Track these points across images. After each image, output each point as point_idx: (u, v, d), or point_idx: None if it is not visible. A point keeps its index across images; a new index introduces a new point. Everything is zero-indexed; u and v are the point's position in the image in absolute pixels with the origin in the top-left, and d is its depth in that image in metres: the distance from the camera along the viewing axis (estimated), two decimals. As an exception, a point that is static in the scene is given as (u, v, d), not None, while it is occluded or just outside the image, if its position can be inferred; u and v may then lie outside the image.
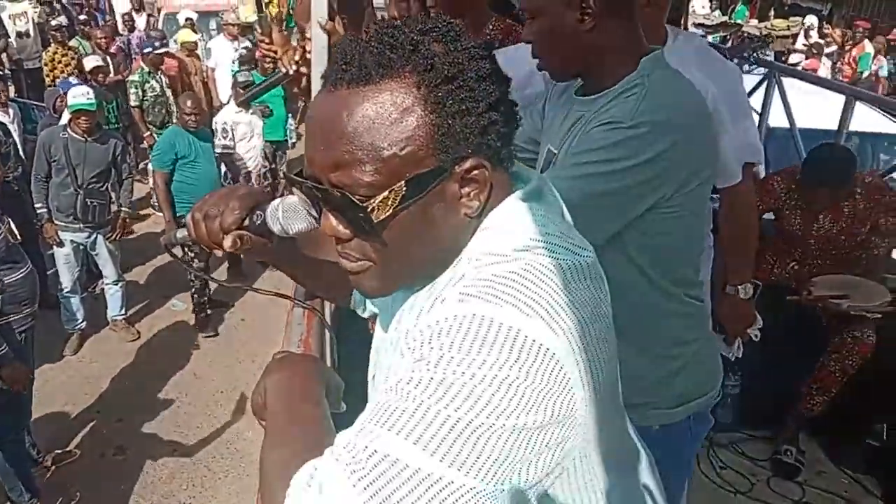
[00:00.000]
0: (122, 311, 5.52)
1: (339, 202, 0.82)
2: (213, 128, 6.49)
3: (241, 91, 6.11)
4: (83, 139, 5.03)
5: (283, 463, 0.79)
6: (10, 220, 3.81)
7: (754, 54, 3.97)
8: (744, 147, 2.04)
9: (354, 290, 1.23)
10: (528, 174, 0.94)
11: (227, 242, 1.07)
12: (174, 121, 7.39)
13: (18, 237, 3.79)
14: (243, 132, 6.36)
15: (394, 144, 0.78)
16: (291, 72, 2.03)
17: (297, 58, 2.01)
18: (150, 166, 6.33)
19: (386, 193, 0.78)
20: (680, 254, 1.45)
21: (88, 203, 5.07)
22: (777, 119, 4.65)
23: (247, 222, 1.07)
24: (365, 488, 0.68)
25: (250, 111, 6.36)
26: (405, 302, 0.93)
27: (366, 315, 1.29)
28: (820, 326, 3.19)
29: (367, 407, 0.76)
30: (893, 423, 3.19)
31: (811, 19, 12.63)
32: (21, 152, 5.63)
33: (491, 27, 2.42)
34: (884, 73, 9.96)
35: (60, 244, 5.09)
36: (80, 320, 5.28)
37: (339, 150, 0.79)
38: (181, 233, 1.15)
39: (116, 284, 5.42)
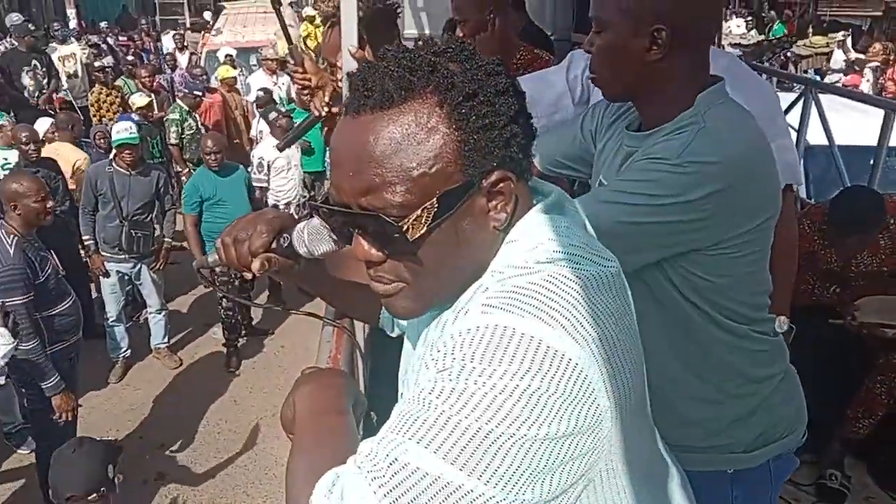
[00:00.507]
0: (166, 340, 5.64)
1: (372, 225, 0.83)
2: (252, 159, 6.65)
3: (278, 127, 6.28)
4: (128, 172, 5.19)
5: (307, 470, 0.81)
6: (55, 253, 3.94)
7: (777, 55, 3.86)
8: (782, 168, 1.94)
9: (383, 309, 1.24)
10: (546, 188, 0.95)
11: (256, 265, 1.11)
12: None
13: (62, 270, 3.91)
14: (281, 165, 6.50)
15: (423, 164, 0.80)
16: (324, 113, 2.07)
17: (327, 99, 2.05)
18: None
19: (419, 212, 0.80)
20: (742, 292, 1.37)
21: (133, 234, 5.21)
22: (815, 136, 4.54)
23: (274, 245, 1.11)
24: (385, 495, 0.70)
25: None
26: (431, 318, 0.94)
27: (394, 334, 1.30)
28: (863, 348, 3.11)
29: (390, 416, 0.77)
30: None
31: (843, 34, 12.48)
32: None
33: (518, 56, 2.47)
34: None
35: (106, 275, 5.24)
36: (124, 349, 5.42)
37: (370, 173, 0.80)
38: (212, 257, 1.20)
39: (160, 313, 5.55)
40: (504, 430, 0.71)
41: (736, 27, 15.78)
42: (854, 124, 4.46)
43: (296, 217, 1.16)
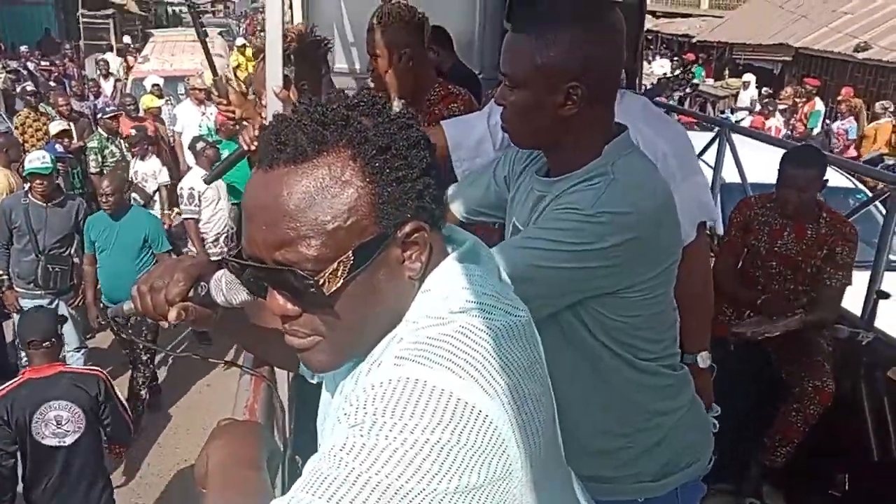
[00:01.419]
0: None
1: (287, 280, 0.82)
2: (179, 193, 6.50)
3: (204, 157, 6.20)
4: (43, 204, 4.99)
5: None
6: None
7: (676, 91, 4.08)
8: (696, 205, 1.98)
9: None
10: (461, 235, 0.96)
11: (172, 315, 1.08)
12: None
13: None
14: (211, 197, 6.38)
15: (337, 217, 0.80)
16: (253, 147, 2.06)
17: (255, 133, 2.03)
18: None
19: (334, 266, 0.80)
20: (649, 330, 1.43)
21: (50, 269, 4.99)
22: (730, 174, 4.78)
23: (191, 294, 1.09)
24: None
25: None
26: (347, 368, 0.93)
27: (314, 381, 1.29)
28: (779, 377, 3.23)
29: (303, 473, 0.76)
30: (854, 472, 3.19)
31: (748, 76, 13.27)
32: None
33: (433, 92, 2.49)
34: (853, 135, 10.17)
35: (20, 311, 5.00)
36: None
37: (284, 227, 0.79)
38: (127, 305, 1.16)
39: (78, 352, 5.30)
40: (414, 486, 0.70)
41: (659, 67, 16.48)
42: (764, 162, 4.69)
43: (214, 264, 1.13)
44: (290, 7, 4.67)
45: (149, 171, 7.14)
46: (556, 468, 0.94)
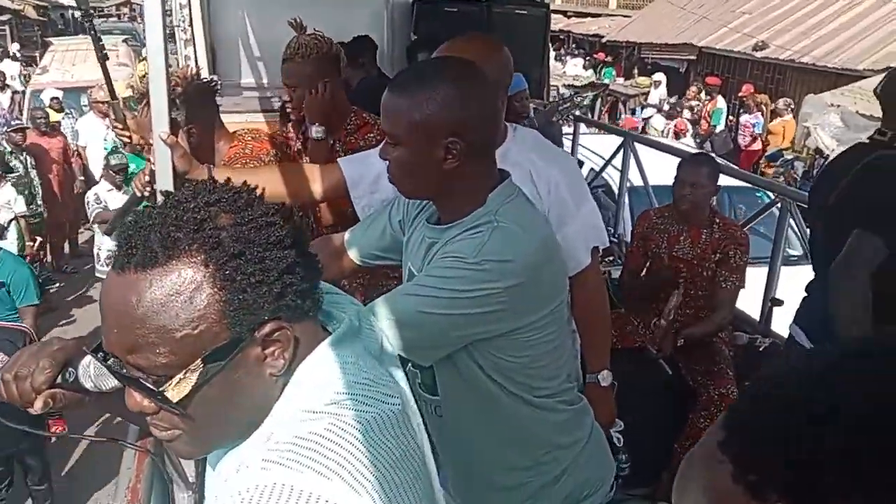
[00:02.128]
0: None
1: (138, 383, 0.80)
2: (87, 199, 6.25)
3: (112, 173, 5.99)
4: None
5: None
6: None
7: (566, 113, 4.18)
8: (590, 230, 2.05)
9: None
10: (340, 312, 0.94)
11: (38, 404, 1.04)
12: (39, 203, 7.08)
13: None
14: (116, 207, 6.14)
15: (186, 325, 0.77)
16: (146, 194, 2.05)
17: (146, 179, 2.04)
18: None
19: (181, 375, 0.78)
20: (543, 369, 1.47)
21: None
22: (636, 177, 5.02)
23: (59, 380, 1.04)
24: None
25: (122, 192, 6.17)
26: (223, 453, 0.91)
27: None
28: (688, 386, 3.34)
29: None
30: None
31: (659, 76, 13.79)
32: None
33: (349, 122, 2.50)
34: (759, 129, 10.62)
35: None
36: None
37: (132, 334, 0.77)
38: None
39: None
40: None
41: (572, 67, 16.84)
42: (667, 166, 4.90)
43: (80, 346, 1.07)
44: (191, 24, 4.58)
45: (1, 201, 6.49)
46: None
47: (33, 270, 4.61)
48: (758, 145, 10.42)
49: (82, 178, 8.10)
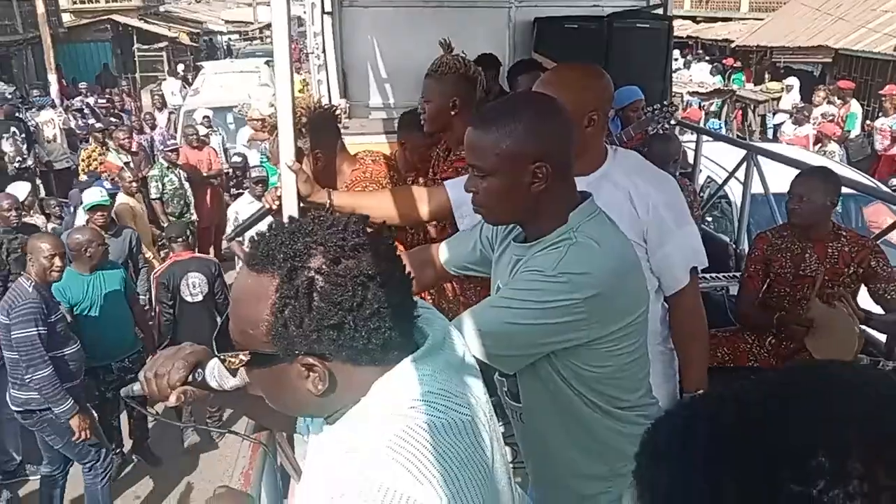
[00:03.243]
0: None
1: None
2: (228, 214, 6.90)
3: (252, 185, 6.56)
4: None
5: None
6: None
7: (660, 126, 4.07)
8: (689, 251, 2.09)
9: (298, 420, 1.39)
10: (427, 330, 1.07)
11: (172, 398, 1.26)
12: (192, 211, 7.86)
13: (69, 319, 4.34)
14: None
15: (247, 323, 0.98)
16: (274, 207, 2.29)
17: (277, 194, 2.25)
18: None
19: (239, 354, 1.00)
20: (623, 381, 1.53)
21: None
22: (758, 187, 4.85)
23: (190, 379, 1.25)
24: None
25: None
26: (321, 429, 1.11)
27: (305, 440, 1.38)
28: None
29: None
30: None
31: (792, 80, 13.16)
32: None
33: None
34: None
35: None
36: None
37: (234, 311, 1.01)
38: (136, 387, 1.33)
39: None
40: None
41: (699, 72, 16.40)
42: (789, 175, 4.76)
43: (210, 351, 1.29)
44: (324, 51, 4.91)
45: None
46: None
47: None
48: (896, 151, 9.81)
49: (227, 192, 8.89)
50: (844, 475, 0.47)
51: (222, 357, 1.04)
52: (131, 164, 8.45)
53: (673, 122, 4.15)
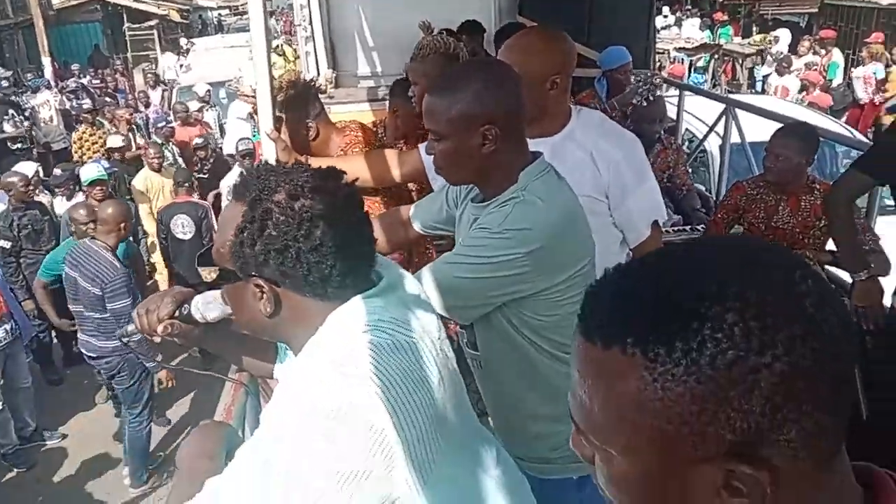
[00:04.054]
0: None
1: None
2: (221, 191, 7.09)
3: (241, 158, 6.78)
4: (100, 209, 5.62)
5: (175, 501, 1.17)
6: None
7: (643, 98, 4.13)
8: (649, 206, 2.17)
9: (276, 361, 1.53)
10: (382, 272, 1.20)
11: (160, 329, 1.38)
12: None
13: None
14: None
15: (220, 242, 1.13)
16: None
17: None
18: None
19: (208, 269, 1.21)
20: (568, 329, 1.54)
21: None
22: (736, 137, 4.97)
23: (176, 314, 1.38)
24: None
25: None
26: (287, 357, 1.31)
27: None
28: None
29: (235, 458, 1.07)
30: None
31: (782, 32, 13.16)
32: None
33: None
34: (881, 75, 10.14)
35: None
36: None
37: (216, 235, 1.17)
38: (131, 326, 1.46)
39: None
40: (305, 466, 0.96)
41: (689, 28, 16.39)
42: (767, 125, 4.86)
43: (195, 291, 1.43)
44: (311, 22, 5.01)
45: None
46: (457, 452, 1.15)
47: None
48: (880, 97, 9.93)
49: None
50: (724, 296, 0.57)
51: (204, 272, 1.23)
52: (132, 142, 8.61)
53: (658, 80, 4.21)
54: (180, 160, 8.14)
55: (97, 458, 5.12)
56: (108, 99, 10.75)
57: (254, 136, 8.50)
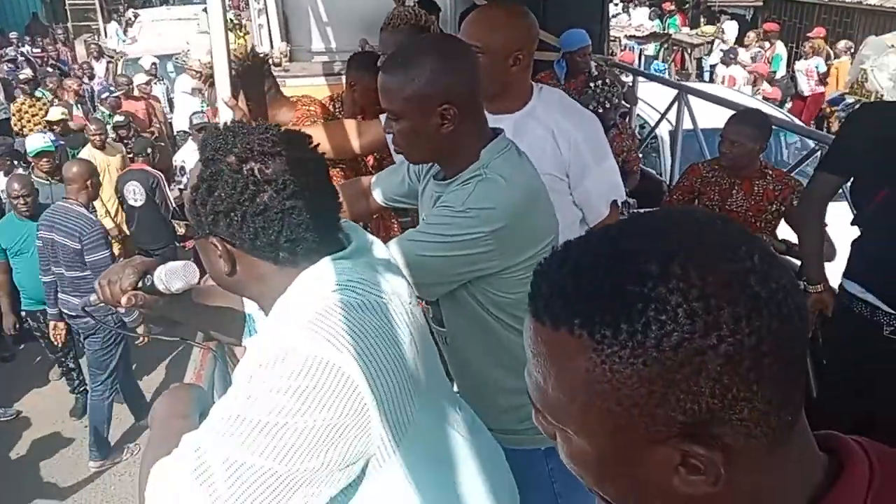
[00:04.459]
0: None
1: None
2: (174, 165, 6.95)
3: (196, 132, 6.63)
4: (47, 181, 5.46)
5: (150, 461, 1.07)
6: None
7: (599, 105, 4.24)
8: (607, 185, 2.18)
9: (245, 327, 1.52)
10: (351, 238, 1.20)
11: (124, 300, 1.34)
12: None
13: None
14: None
15: (186, 199, 1.16)
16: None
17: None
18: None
19: (179, 223, 1.30)
20: None
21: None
22: (689, 123, 5.18)
23: (140, 285, 1.35)
24: (201, 483, 0.97)
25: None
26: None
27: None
28: None
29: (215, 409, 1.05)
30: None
31: (730, 24, 13.43)
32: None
33: None
34: (822, 69, 10.45)
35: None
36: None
37: None
38: (93, 297, 1.42)
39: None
40: (280, 420, 0.96)
41: (639, 16, 16.66)
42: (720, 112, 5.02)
43: (157, 261, 1.41)
44: None
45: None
46: (430, 411, 1.17)
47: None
48: (821, 88, 10.29)
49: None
50: (667, 277, 0.57)
51: (174, 223, 1.26)
52: (71, 115, 8.35)
53: (609, 104, 4.28)
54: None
55: (52, 435, 5.03)
56: (48, 69, 10.38)
57: (202, 108, 8.37)
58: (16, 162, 6.56)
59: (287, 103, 2.83)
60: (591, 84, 4.20)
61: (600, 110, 4.09)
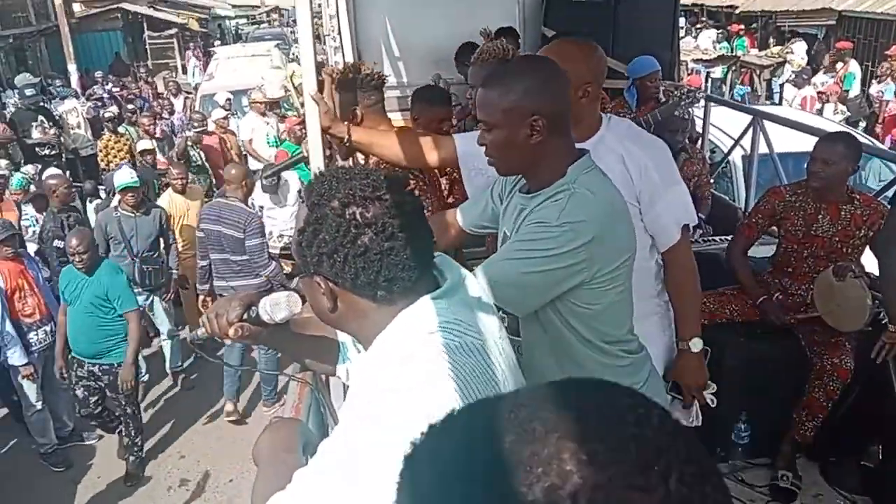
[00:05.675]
0: (179, 363, 6.10)
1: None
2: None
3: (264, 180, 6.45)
4: (132, 214, 5.74)
5: (262, 493, 1.13)
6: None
7: (684, 111, 4.23)
8: (678, 210, 2.21)
9: (339, 361, 1.57)
10: (446, 274, 1.23)
11: (231, 332, 1.43)
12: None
13: None
14: (272, 203, 6.66)
15: (293, 241, 1.19)
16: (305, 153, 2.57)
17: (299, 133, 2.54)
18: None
19: (288, 262, 1.33)
20: (611, 316, 1.69)
21: (144, 269, 5.75)
22: (765, 147, 5.08)
23: (245, 316, 1.43)
24: None
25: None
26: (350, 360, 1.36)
27: (346, 382, 1.57)
28: (805, 356, 3.32)
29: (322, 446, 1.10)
30: (887, 444, 3.21)
31: (799, 44, 13.14)
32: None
33: None
34: (889, 95, 10.13)
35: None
36: (143, 373, 5.67)
37: None
38: (201, 331, 1.50)
39: (172, 339, 5.99)
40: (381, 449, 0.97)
41: (705, 39, 16.47)
42: (794, 136, 4.93)
43: (261, 294, 1.48)
44: (339, 33, 5.05)
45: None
46: None
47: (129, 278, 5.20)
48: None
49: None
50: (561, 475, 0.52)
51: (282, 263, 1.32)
52: (156, 149, 8.74)
53: (700, 94, 4.28)
54: (208, 164, 8.29)
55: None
56: (129, 106, 10.90)
57: (274, 141, 8.64)
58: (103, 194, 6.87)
59: (386, 121, 2.90)
60: (675, 91, 4.20)
61: (686, 116, 4.12)
